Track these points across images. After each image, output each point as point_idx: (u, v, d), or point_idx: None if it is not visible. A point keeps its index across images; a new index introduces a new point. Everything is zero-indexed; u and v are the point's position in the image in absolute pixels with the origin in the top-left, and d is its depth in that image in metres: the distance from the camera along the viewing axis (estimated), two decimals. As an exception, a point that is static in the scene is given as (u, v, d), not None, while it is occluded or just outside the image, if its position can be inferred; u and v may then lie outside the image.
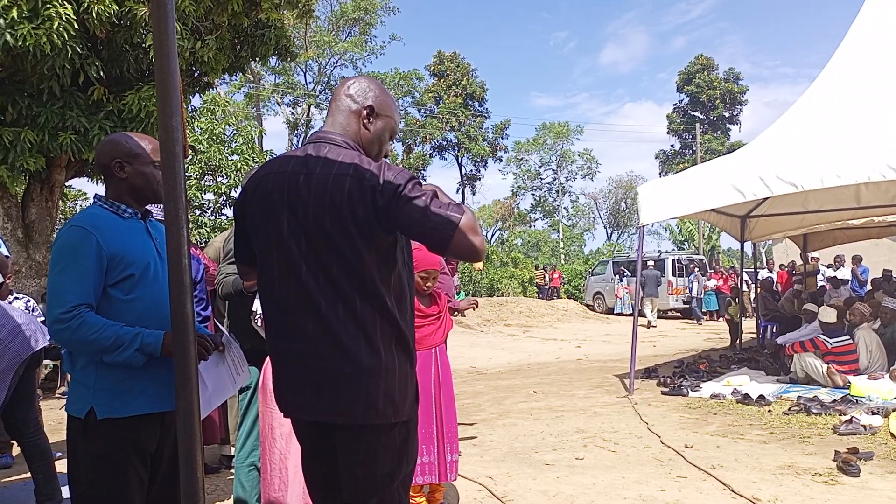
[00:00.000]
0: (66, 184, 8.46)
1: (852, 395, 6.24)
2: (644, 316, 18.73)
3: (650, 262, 18.89)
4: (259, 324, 3.04)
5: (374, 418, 1.75)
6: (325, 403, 1.75)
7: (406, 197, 1.70)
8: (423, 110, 37.88)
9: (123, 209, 2.10)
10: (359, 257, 1.73)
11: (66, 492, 3.62)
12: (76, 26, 6.05)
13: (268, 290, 1.85)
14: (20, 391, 3.47)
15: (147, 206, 2.19)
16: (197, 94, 9.49)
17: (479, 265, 27.85)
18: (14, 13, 5.76)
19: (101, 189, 2.32)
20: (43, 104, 6.73)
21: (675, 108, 45.65)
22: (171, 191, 1.42)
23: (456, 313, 4.35)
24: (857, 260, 13.19)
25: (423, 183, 1.79)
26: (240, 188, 1.99)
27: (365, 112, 1.91)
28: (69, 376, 1.99)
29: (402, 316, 1.82)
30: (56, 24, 5.88)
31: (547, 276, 27.49)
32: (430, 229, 1.69)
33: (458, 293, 21.18)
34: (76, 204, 18.52)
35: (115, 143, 2.10)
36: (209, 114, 16.98)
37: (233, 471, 3.30)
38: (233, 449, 4.44)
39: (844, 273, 13.94)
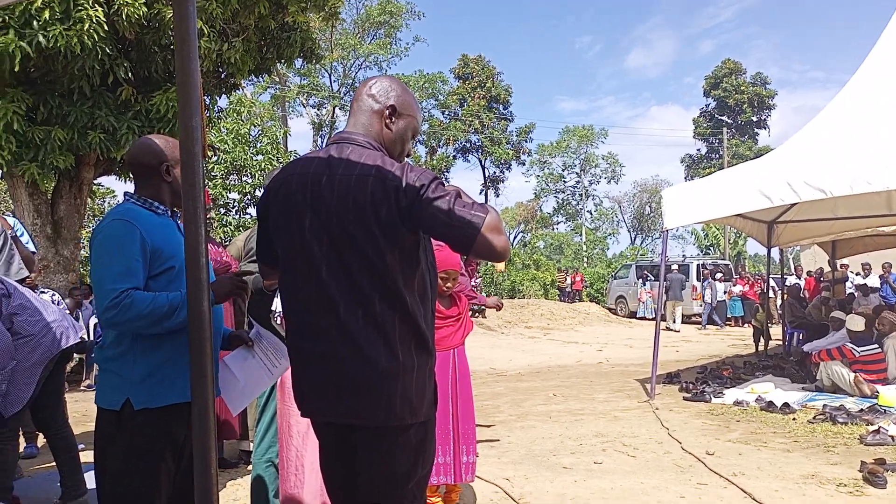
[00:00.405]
0: (94, 181, 8.61)
1: (880, 405, 6.11)
2: (665, 320, 18.75)
3: (674, 267, 18.70)
4: (279, 322, 3.07)
5: (391, 420, 1.75)
6: (345, 406, 1.76)
7: (430, 198, 1.70)
8: (446, 112, 37.91)
9: (157, 206, 2.14)
10: (381, 258, 1.74)
11: (90, 482, 3.72)
12: (106, 28, 6.17)
13: (289, 291, 1.86)
14: (49, 385, 3.51)
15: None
16: (224, 95, 9.62)
17: (501, 267, 27.83)
18: (46, 14, 5.88)
19: (128, 187, 2.37)
20: (73, 103, 6.86)
21: (701, 113, 45.15)
22: (189, 189, 1.44)
23: (478, 311, 4.35)
24: (887, 268, 12.92)
25: (446, 184, 1.80)
26: (263, 188, 2.01)
27: (387, 112, 1.91)
28: (95, 368, 2.02)
29: (423, 317, 1.82)
30: (87, 26, 6.00)
31: (569, 278, 27.34)
32: (455, 229, 1.69)
33: (479, 291, 21.14)
34: (104, 201, 18.85)
35: (168, 147, 2.12)
36: (235, 114, 17.18)
37: (251, 466, 3.32)
38: (251, 444, 4.48)
39: (873, 280, 13.67)
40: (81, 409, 6.58)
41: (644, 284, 20.97)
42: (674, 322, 17.67)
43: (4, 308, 3.19)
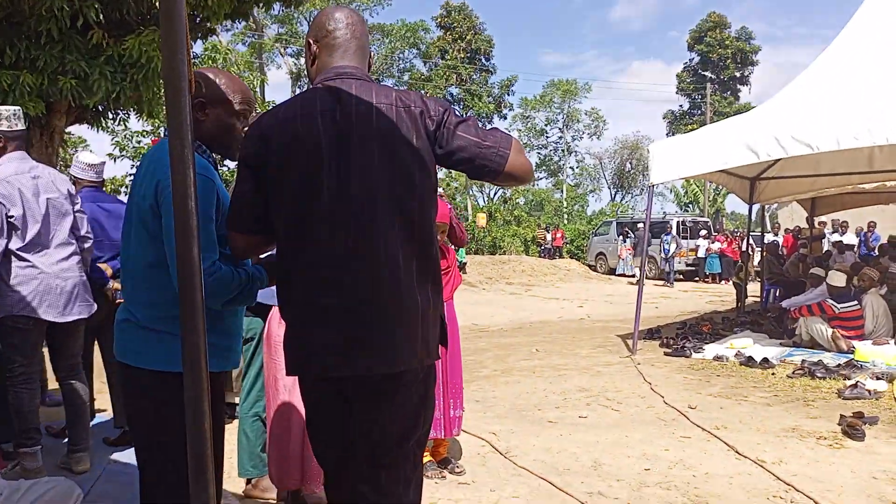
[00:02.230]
0: (66, 130, 8.32)
1: (857, 360, 6.23)
2: (635, 275, 19.12)
3: (639, 224, 18.87)
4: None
5: (412, 362, 1.69)
6: (366, 354, 1.65)
7: (454, 122, 1.68)
8: (428, 63, 37.23)
9: (204, 150, 1.93)
10: (422, 191, 1.67)
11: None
12: (75, -35, 5.85)
13: (308, 247, 1.67)
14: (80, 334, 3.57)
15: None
16: (199, 40, 9.25)
17: (483, 222, 27.82)
18: (10, -50, 5.55)
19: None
20: (41, 47, 6.54)
21: (685, 68, 44.85)
22: (176, 128, 1.33)
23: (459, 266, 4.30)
24: (872, 226, 13.08)
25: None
26: (248, 139, 1.77)
27: (371, 55, 1.88)
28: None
29: (437, 255, 1.77)
30: (54, -37, 5.68)
31: (549, 235, 27.42)
32: (487, 150, 1.66)
33: (458, 250, 21.15)
34: (76, 150, 18.37)
35: (206, 81, 1.88)
36: (210, 62, 16.66)
37: (236, 420, 3.27)
38: (237, 398, 4.43)
39: (850, 238, 13.87)
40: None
41: (624, 241, 21.12)
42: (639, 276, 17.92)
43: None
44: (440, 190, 3.74)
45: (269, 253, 1.95)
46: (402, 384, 1.71)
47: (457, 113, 1.72)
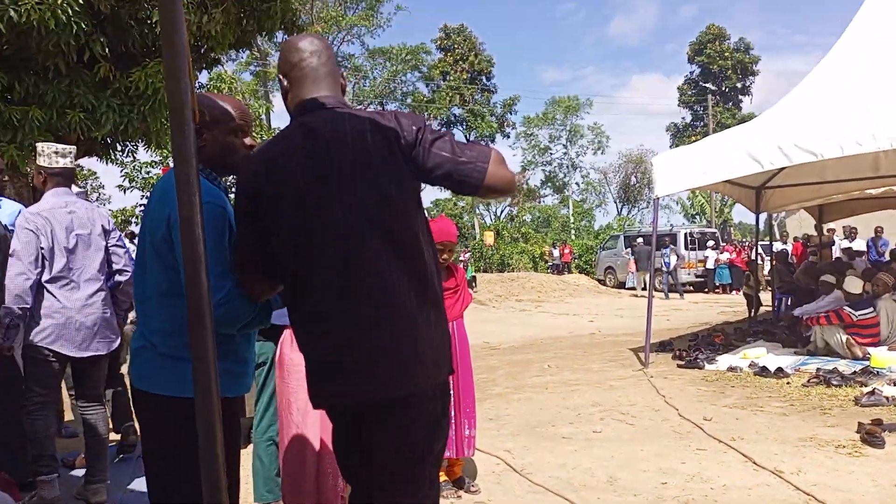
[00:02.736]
0: (76, 163, 8.41)
1: (873, 367, 6.16)
2: (635, 288, 19.41)
3: (639, 239, 18.91)
4: None
5: (423, 381, 1.69)
6: (378, 380, 1.65)
7: (430, 139, 1.68)
8: (430, 85, 37.53)
9: (215, 177, 1.94)
10: (398, 216, 1.68)
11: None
12: (80, 1, 5.95)
13: (308, 282, 1.69)
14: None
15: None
16: (204, 71, 9.38)
17: (490, 241, 27.84)
18: (17, -11, 5.67)
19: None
20: (49, 82, 6.65)
21: (686, 80, 45.06)
22: (181, 154, 1.35)
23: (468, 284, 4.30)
24: (879, 231, 12.99)
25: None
26: (238, 187, 1.80)
27: (342, 74, 1.88)
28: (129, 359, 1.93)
29: (435, 272, 1.77)
30: (60, 0, 5.79)
31: (557, 251, 27.39)
32: (464, 165, 1.66)
33: (466, 269, 21.15)
34: (86, 183, 18.56)
35: (207, 104, 1.88)
36: (216, 90, 16.85)
37: (251, 445, 3.27)
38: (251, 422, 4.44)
39: (859, 244, 13.77)
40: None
41: (632, 255, 21.04)
42: (643, 289, 17.89)
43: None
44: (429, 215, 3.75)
45: None
46: (415, 405, 1.71)
47: (433, 129, 1.71)
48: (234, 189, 1.91)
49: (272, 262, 1.74)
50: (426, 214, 1.83)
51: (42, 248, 3.31)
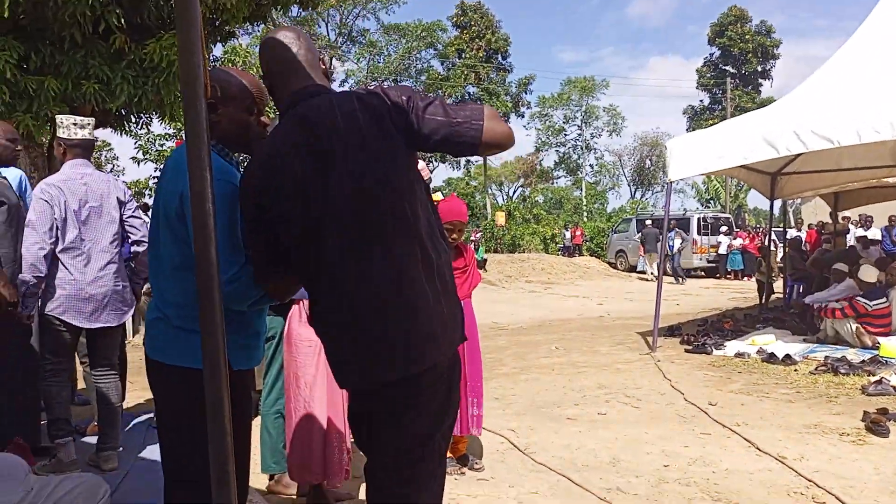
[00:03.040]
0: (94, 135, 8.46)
1: (882, 356, 6.14)
2: (644, 272, 19.36)
3: (647, 222, 18.87)
4: None
5: (435, 356, 1.70)
6: (392, 360, 1.67)
7: (421, 106, 1.67)
8: (445, 63, 37.23)
9: (228, 153, 1.95)
10: (399, 192, 1.67)
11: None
12: (96, -29, 5.95)
13: (321, 272, 1.70)
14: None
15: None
16: (219, 44, 9.36)
17: (501, 221, 27.80)
18: (34, -42, 5.67)
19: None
20: (65, 53, 6.67)
21: (705, 62, 44.46)
22: (193, 130, 1.36)
23: (479, 264, 4.32)
24: (894, 220, 12.85)
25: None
26: (241, 195, 1.79)
27: (323, 66, 1.87)
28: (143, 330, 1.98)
29: (434, 247, 1.75)
30: (76, -30, 5.79)
31: (568, 233, 27.31)
32: (459, 126, 1.65)
33: (478, 249, 21.15)
34: (101, 154, 18.66)
35: (214, 80, 1.84)
36: (230, 64, 16.84)
37: (258, 418, 3.32)
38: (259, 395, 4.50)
39: (874, 233, 13.64)
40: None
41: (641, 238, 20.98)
42: (653, 273, 17.90)
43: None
44: (439, 194, 3.75)
45: None
46: (427, 382, 1.73)
47: (422, 96, 1.71)
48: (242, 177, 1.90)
49: (288, 260, 1.76)
50: (428, 188, 1.83)
51: (56, 219, 3.35)
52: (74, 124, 3.52)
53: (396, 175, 1.68)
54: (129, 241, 3.72)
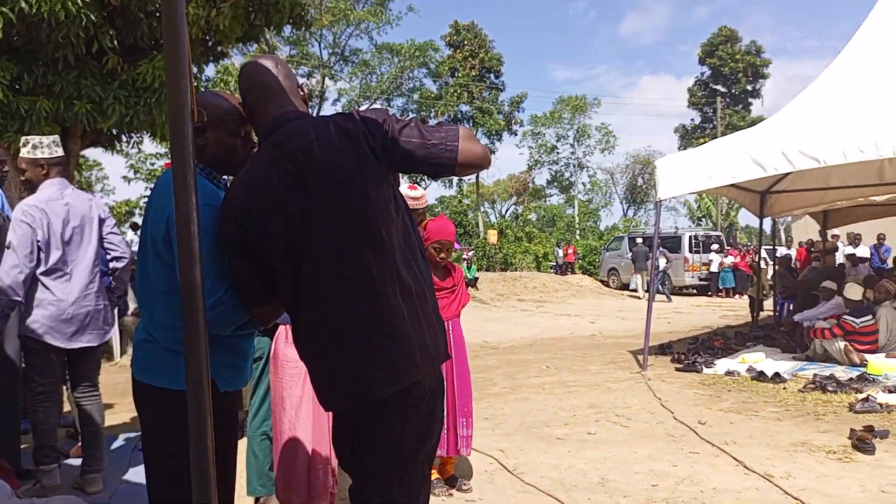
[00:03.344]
0: (81, 153, 8.48)
1: (869, 374, 6.18)
2: (636, 291, 19.54)
3: (638, 240, 19.17)
4: None
5: (414, 374, 1.71)
6: (372, 380, 1.68)
7: (396, 128, 1.69)
8: (438, 82, 37.48)
9: (215, 176, 1.97)
10: (376, 215, 1.68)
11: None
12: (90, -7, 6.01)
13: (301, 293, 1.71)
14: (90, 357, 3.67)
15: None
16: (212, 64, 9.43)
17: (493, 239, 27.86)
18: (28, -20, 5.72)
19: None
20: (58, 73, 6.71)
21: (696, 82, 44.90)
22: (179, 154, 1.39)
23: (470, 283, 4.34)
24: (882, 237, 12.97)
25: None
26: (222, 221, 1.79)
27: (302, 92, 1.89)
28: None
29: (406, 263, 1.75)
30: (70, -8, 5.84)
31: (560, 251, 27.38)
32: (435, 148, 1.68)
33: (469, 267, 21.17)
34: (91, 174, 18.65)
35: (201, 104, 1.86)
36: (222, 84, 16.91)
37: (244, 439, 3.31)
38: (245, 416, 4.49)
39: (863, 251, 13.75)
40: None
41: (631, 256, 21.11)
42: (645, 291, 18.08)
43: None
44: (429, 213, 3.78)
45: None
46: (410, 400, 1.74)
47: (397, 118, 1.73)
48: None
49: (272, 284, 1.78)
50: (406, 207, 1.84)
51: (38, 241, 3.32)
52: (53, 143, 3.50)
53: (376, 196, 1.70)
54: (109, 256, 3.69)
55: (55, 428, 3.52)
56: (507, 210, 46.43)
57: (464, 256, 23.58)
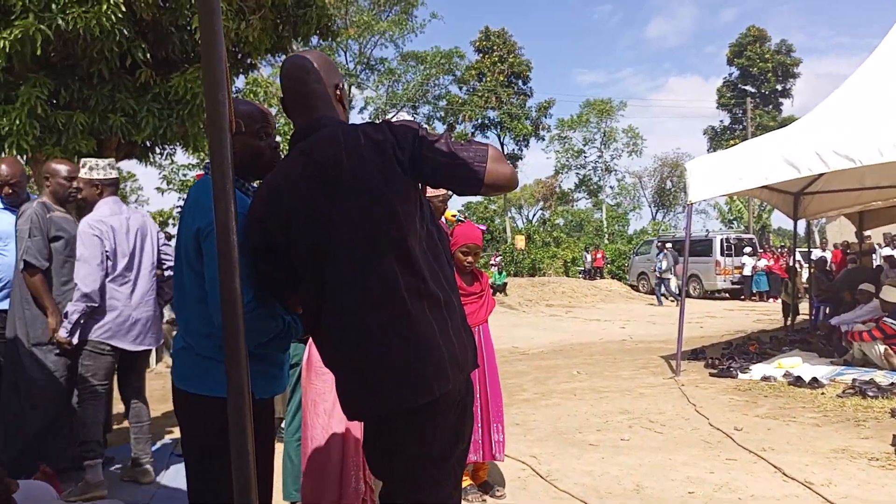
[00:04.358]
0: (116, 165, 8.67)
1: (911, 379, 6.01)
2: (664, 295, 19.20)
3: (668, 245, 18.99)
4: None
5: (444, 385, 1.71)
6: (400, 391, 1.69)
7: (426, 143, 1.69)
8: (464, 88, 37.56)
9: (246, 185, 2.01)
10: (402, 226, 1.69)
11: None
12: (123, 9, 6.14)
13: (326, 302, 1.74)
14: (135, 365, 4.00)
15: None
16: (241, 75, 9.57)
17: (521, 244, 27.78)
18: (65, -2, 5.88)
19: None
20: (93, 87, 6.87)
21: (724, 82, 44.38)
22: (218, 164, 1.41)
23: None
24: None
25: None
26: (249, 224, 1.80)
27: (338, 91, 1.88)
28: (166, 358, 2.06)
29: (432, 275, 1.76)
30: (105, 8, 5.98)
31: (589, 256, 27.18)
32: (463, 167, 1.67)
33: (500, 273, 21.12)
34: (126, 185, 19.04)
35: (237, 110, 1.92)
36: (252, 95, 17.17)
37: (279, 444, 3.34)
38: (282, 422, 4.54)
39: (901, 252, 13.40)
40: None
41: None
42: (677, 295, 18.02)
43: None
44: (459, 216, 3.79)
45: None
46: (440, 409, 1.74)
47: (428, 132, 1.72)
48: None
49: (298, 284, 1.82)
50: (432, 217, 1.85)
51: (106, 251, 3.65)
52: (109, 164, 3.84)
53: (402, 207, 1.70)
54: (165, 266, 4.03)
55: (101, 424, 3.75)
56: (534, 215, 46.29)
57: (492, 262, 23.55)
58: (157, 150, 8.81)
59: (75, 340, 3.61)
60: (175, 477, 3.94)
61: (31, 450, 3.67)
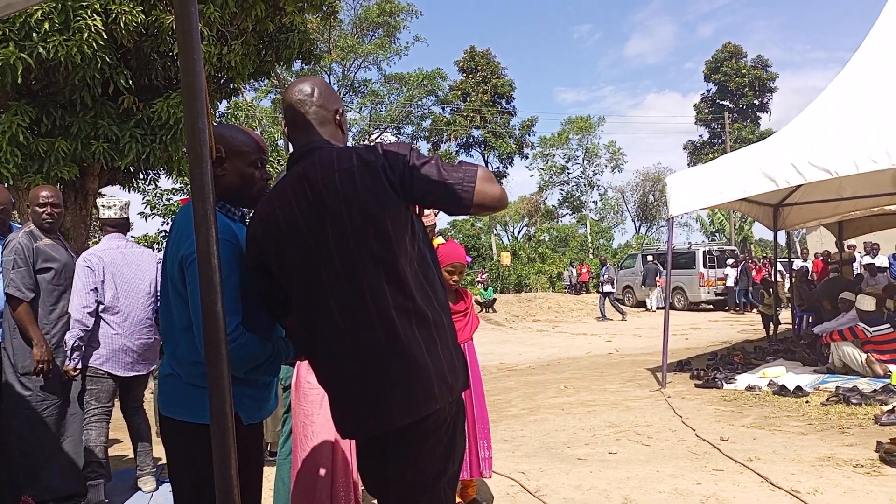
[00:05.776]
0: (99, 191, 8.63)
1: (893, 385, 6.09)
2: (647, 306, 20.31)
3: (649, 258, 19.90)
4: None
5: (434, 404, 1.73)
6: (390, 410, 1.71)
7: (417, 165, 1.72)
8: (447, 108, 37.83)
9: (232, 210, 2.02)
10: (392, 246, 1.71)
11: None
12: (105, 37, 6.16)
13: (318, 321, 1.76)
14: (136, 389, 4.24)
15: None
16: (224, 101, 9.60)
17: (506, 261, 27.87)
18: (46, 26, 5.88)
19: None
20: (75, 114, 6.86)
21: (702, 98, 45.01)
22: (199, 190, 1.44)
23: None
24: (898, 247, 12.82)
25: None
26: (247, 242, 1.90)
27: (338, 116, 1.92)
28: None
29: (424, 297, 1.78)
30: (86, 36, 5.99)
31: (574, 271, 27.29)
32: (452, 187, 1.70)
33: (486, 289, 21.15)
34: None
35: (219, 137, 1.93)
36: (233, 119, 17.17)
37: (270, 466, 3.33)
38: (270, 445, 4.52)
39: (881, 260, 13.61)
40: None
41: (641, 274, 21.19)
42: (659, 307, 18.29)
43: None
44: (441, 238, 3.82)
45: None
46: (430, 427, 1.76)
47: (419, 154, 1.76)
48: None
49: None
50: (424, 238, 1.87)
51: (96, 282, 3.84)
52: (126, 205, 4.15)
53: (394, 229, 1.73)
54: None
55: (104, 446, 3.89)
56: (519, 232, 46.44)
57: (478, 279, 23.58)
58: (141, 176, 8.80)
59: (79, 366, 3.80)
60: (163, 502, 3.93)
61: (15, 480, 3.65)
